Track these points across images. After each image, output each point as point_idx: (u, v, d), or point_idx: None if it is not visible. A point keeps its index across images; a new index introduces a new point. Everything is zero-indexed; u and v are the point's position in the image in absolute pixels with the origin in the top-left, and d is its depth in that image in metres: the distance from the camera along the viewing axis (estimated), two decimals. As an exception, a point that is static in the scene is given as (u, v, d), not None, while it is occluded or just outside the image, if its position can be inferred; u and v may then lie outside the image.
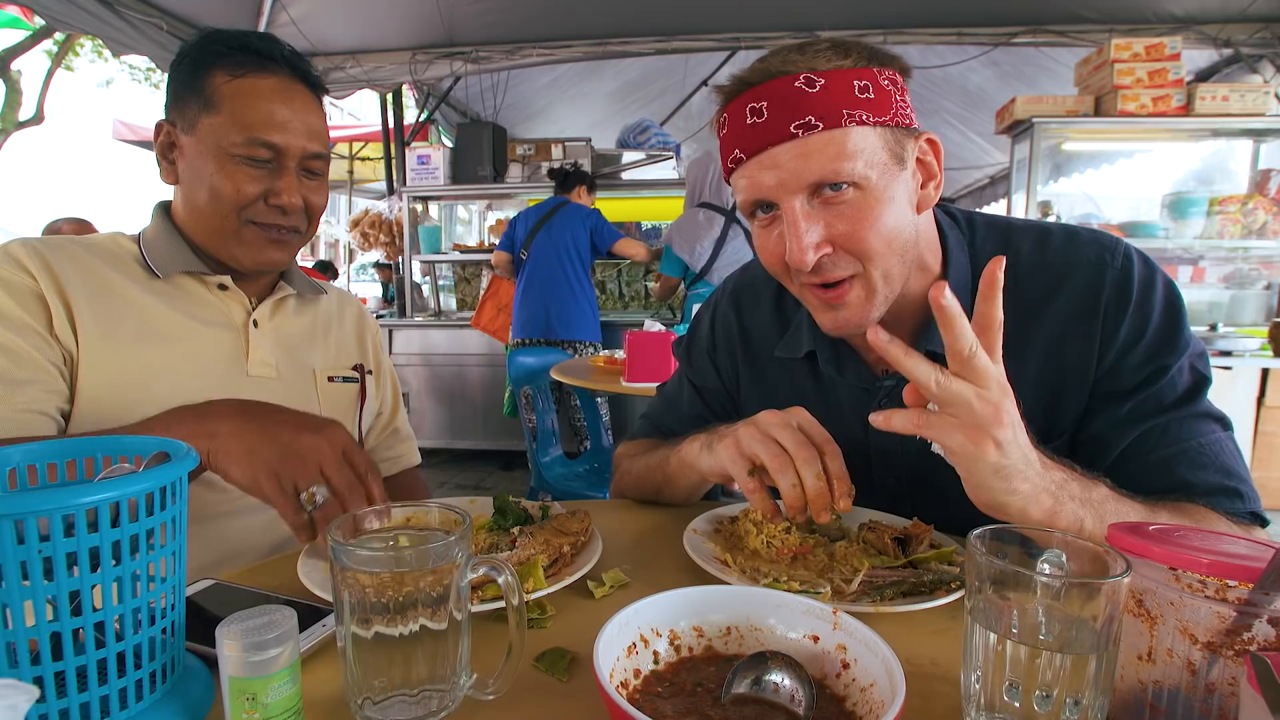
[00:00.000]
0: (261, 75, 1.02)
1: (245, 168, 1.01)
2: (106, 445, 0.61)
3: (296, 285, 1.19)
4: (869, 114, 0.79)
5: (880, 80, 0.80)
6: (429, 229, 5.38)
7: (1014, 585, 0.53)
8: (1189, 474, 0.84)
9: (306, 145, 1.04)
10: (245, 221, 1.03)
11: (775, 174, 0.81)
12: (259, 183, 1.02)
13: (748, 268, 1.18)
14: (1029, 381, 0.90)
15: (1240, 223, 4.00)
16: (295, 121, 1.03)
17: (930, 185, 0.87)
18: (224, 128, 1.00)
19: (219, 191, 1.01)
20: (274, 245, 1.07)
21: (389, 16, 4.49)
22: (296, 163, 1.04)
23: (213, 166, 1.00)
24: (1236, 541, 0.56)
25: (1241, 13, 4.13)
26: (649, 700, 0.55)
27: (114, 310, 0.99)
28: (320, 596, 0.72)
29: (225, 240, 1.05)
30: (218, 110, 1.00)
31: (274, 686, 0.51)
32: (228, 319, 1.09)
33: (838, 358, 1.01)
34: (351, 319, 1.30)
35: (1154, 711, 0.53)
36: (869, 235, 0.81)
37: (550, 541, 0.81)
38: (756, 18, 4.54)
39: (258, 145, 1.00)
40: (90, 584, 0.49)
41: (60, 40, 4.97)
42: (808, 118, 0.78)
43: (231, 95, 1.00)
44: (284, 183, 1.03)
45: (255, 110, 1.00)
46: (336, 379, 1.19)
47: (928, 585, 0.77)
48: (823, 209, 0.81)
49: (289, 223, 1.06)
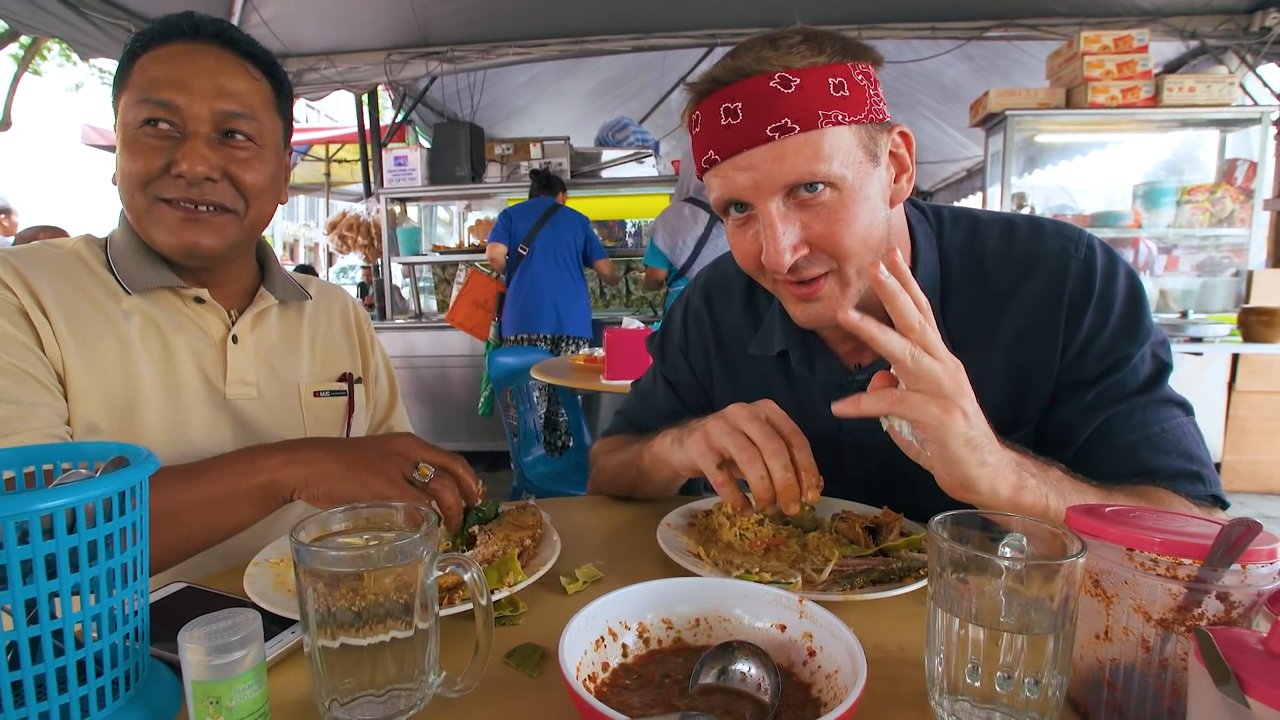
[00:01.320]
0: (167, 43, 0.94)
1: (147, 139, 0.92)
2: (64, 452, 0.61)
3: (279, 291, 1.11)
4: (844, 113, 0.78)
5: (854, 75, 0.80)
6: (408, 230, 5.35)
7: (973, 569, 0.53)
8: (1152, 458, 0.86)
9: (214, 104, 0.93)
10: (153, 199, 0.93)
11: (750, 175, 0.80)
12: (161, 154, 0.92)
13: (718, 263, 1.18)
14: (997, 372, 0.91)
15: (1209, 211, 4.09)
16: (200, 80, 0.92)
17: (903, 178, 0.87)
18: (129, 101, 0.92)
19: (125, 170, 0.93)
20: (190, 225, 0.94)
21: (363, 16, 4.45)
22: (209, 127, 0.93)
23: (122, 146, 0.94)
24: (1189, 520, 0.57)
25: (1207, 5, 4.20)
26: (616, 693, 0.56)
27: (93, 332, 0.94)
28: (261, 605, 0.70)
29: (142, 224, 0.95)
30: (127, 86, 0.94)
31: (238, 689, 0.50)
32: (205, 335, 1.03)
33: (810, 355, 1.01)
34: (339, 316, 1.23)
35: (1111, 689, 0.54)
36: (845, 235, 0.81)
37: (510, 536, 0.81)
38: (733, 14, 4.56)
39: (153, 105, 0.91)
40: (48, 591, 0.49)
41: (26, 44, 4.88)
42: (784, 120, 0.77)
43: (139, 69, 0.93)
44: (184, 148, 0.91)
45: (153, 75, 0.92)
46: (323, 394, 1.14)
47: (897, 573, 0.78)
48: (798, 210, 0.81)
49: (203, 196, 0.94)
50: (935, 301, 0.91)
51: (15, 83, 4.45)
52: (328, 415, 1.15)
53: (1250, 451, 4.09)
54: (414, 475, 0.83)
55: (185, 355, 1.01)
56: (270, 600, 0.70)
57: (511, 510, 0.91)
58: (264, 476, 0.82)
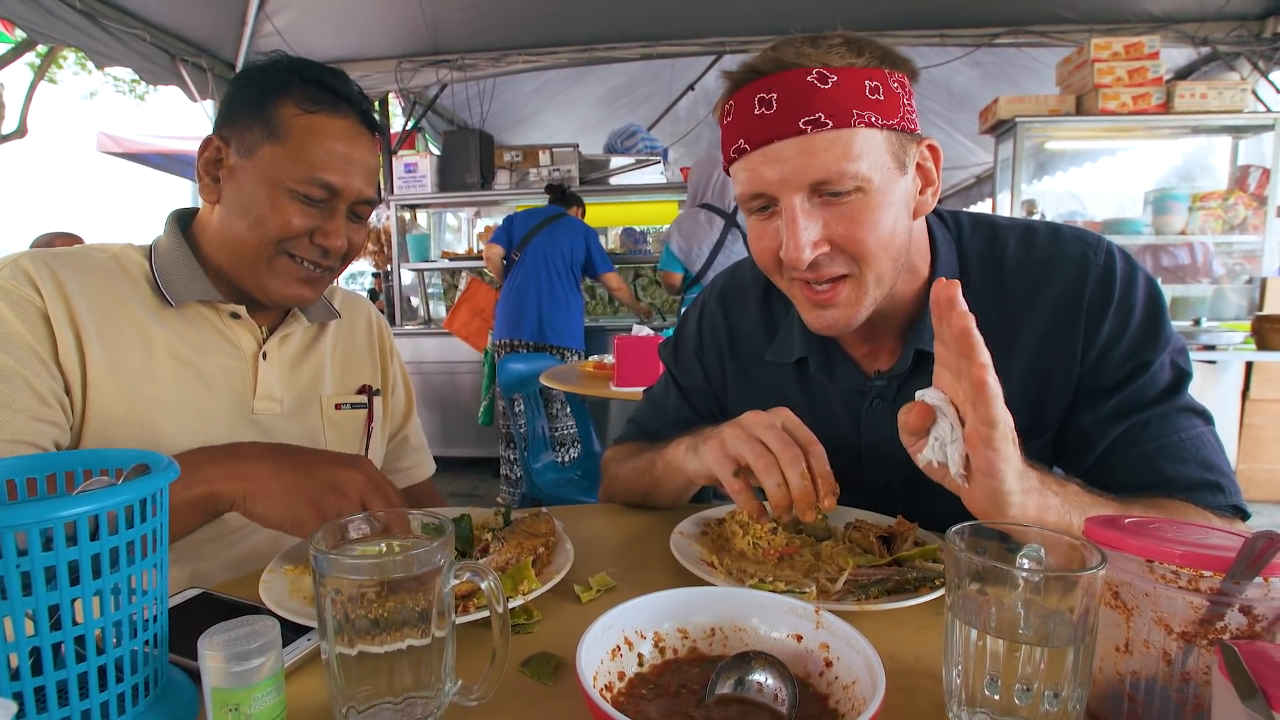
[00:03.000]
0: (334, 115, 0.99)
1: (298, 203, 0.98)
2: (86, 459, 0.61)
3: (310, 314, 1.14)
4: (877, 116, 0.78)
5: (890, 83, 0.80)
6: (417, 237, 5.37)
7: (992, 580, 0.53)
8: (1171, 468, 0.85)
9: (363, 190, 1.02)
10: (281, 252, 1.00)
11: (779, 169, 0.80)
12: (308, 219, 0.99)
13: (735, 268, 1.19)
14: (1016, 378, 0.90)
15: (1221, 218, 4.05)
16: (357, 166, 1.00)
17: (928, 191, 0.88)
18: (287, 161, 0.97)
19: (265, 221, 0.97)
20: (304, 282, 1.03)
21: (374, 25, 4.49)
22: (348, 206, 1.02)
23: (264, 195, 0.97)
24: (1210, 532, 0.57)
25: (1218, 11, 4.19)
26: (633, 703, 0.55)
27: (123, 340, 0.95)
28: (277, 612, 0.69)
29: (256, 269, 1.00)
30: (283, 142, 0.97)
31: (257, 697, 0.51)
32: (237, 350, 1.05)
33: (829, 362, 1.01)
34: (362, 328, 1.26)
35: (1132, 702, 0.54)
36: (867, 238, 0.81)
37: (523, 544, 0.81)
38: (742, 21, 4.57)
39: (318, 185, 0.97)
40: (70, 598, 0.49)
41: (43, 52, 4.95)
42: (818, 114, 0.77)
43: (301, 130, 0.97)
44: (334, 225, 1.01)
45: (323, 150, 0.97)
46: (345, 405, 1.17)
47: (912, 583, 0.78)
48: (823, 208, 0.81)
49: (326, 262, 1.03)
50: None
51: (31, 91, 4.50)
52: (348, 428, 1.17)
53: (1265, 460, 4.05)
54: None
55: (216, 370, 1.02)
56: (286, 607, 0.70)
57: (524, 518, 0.91)
58: (203, 488, 0.82)
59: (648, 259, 5.45)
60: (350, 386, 1.19)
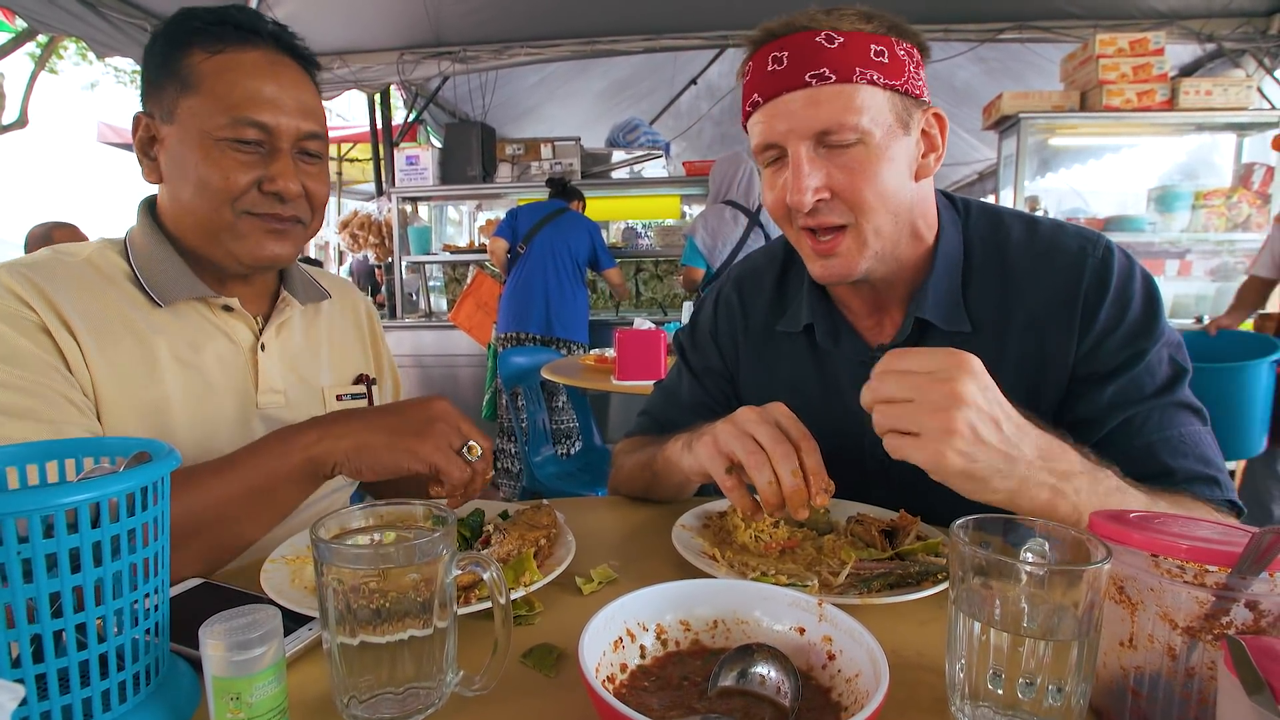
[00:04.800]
0: (243, 49, 0.92)
1: (233, 153, 0.91)
2: (87, 446, 0.61)
3: (300, 294, 1.10)
4: (881, 76, 0.85)
5: (896, 50, 0.87)
6: (419, 230, 5.36)
7: (996, 574, 0.53)
8: (1170, 460, 0.87)
9: (301, 125, 0.94)
10: (240, 213, 0.93)
11: (787, 120, 0.87)
12: (251, 169, 0.92)
13: (750, 256, 1.23)
14: (1012, 356, 0.94)
15: (1225, 216, 4.04)
16: (286, 98, 0.93)
17: (931, 156, 0.93)
18: (206, 109, 0.90)
19: (207, 182, 0.91)
20: (274, 237, 0.96)
21: (376, 16, 4.47)
22: (291, 145, 0.94)
23: (197, 155, 0.91)
24: (1214, 527, 0.57)
25: (1224, 7, 4.16)
26: (635, 694, 0.55)
27: (120, 348, 0.91)
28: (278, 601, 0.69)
29: (219, 237, 0.94)
30: (197, 91, 0.90)
31: (258, 686, 0.50)
32: (234, 344, 1.02)
33: (835, 329, 1.05)
34: (350, 312, 1.23)
35: (1136, 697, 0.54)
36: (865, 188, 0.87)
37: (525, 536, 0.81)
38: (745, 15, 4.54)
39: (245, 125, 0.90)
40: (71, 585, 0.49)
41: (43, 43, 4.92)
42: (822, 69, 0.84)
43: (211, 73, 0.90)
44: (279, 166, 0.93)
45: (240, 87, 0.90)
46: (345, 396, 1.14)
47: (914, 577, 0.78)
48: (826, 157, 0.87)
49: (288, 212, 0.96)
50: (956, 283, 0.97)
51: (32, 81, 4.49)
52: None
53: (1266, 459, 4.03)
54: (464, 451, 0.84)
55: (215, 366, 0.99)
56: (287, 596, 0.70)
57: (526, 510, 0.91)
58: (300, 455, 0.82)
59: (648, 254, 5.45)
60: (347, 375, 1.17)
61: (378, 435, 0.83)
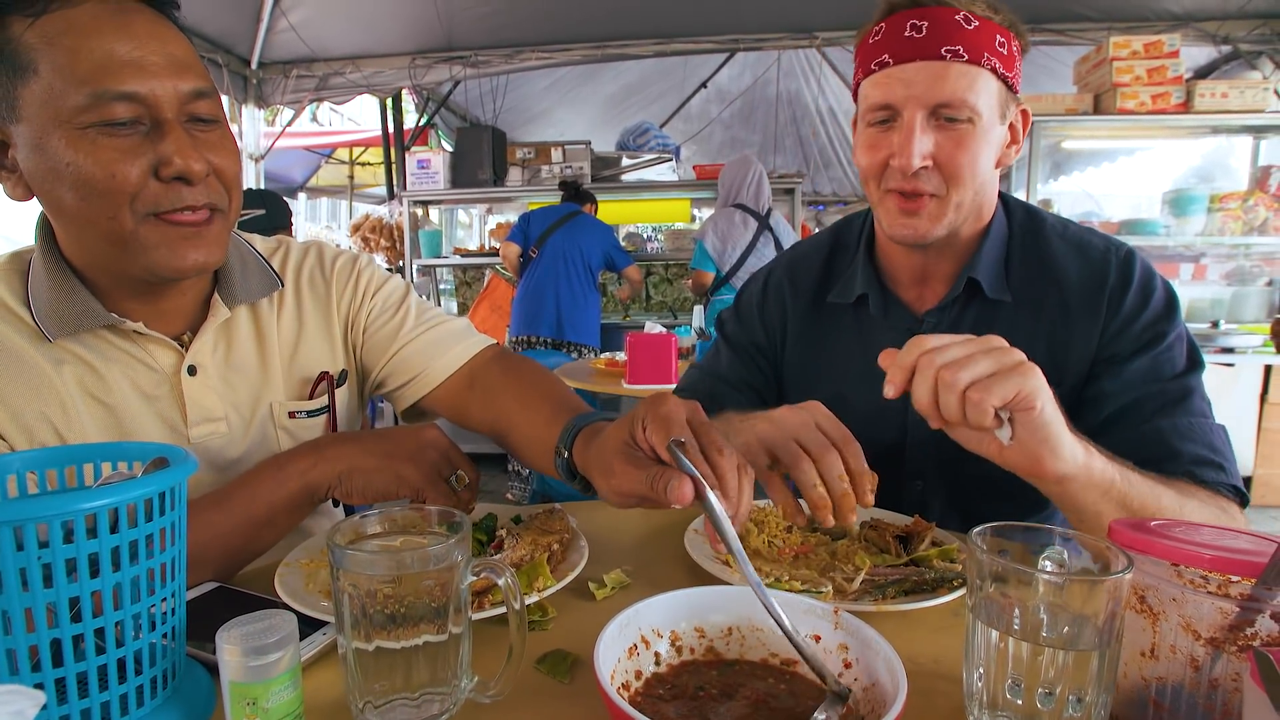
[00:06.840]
0: (72, 4, 0.71)
1: (106, 140, 0.72)
2: (106, 452, 0.61)
3: (239, 292, 0.91)
4: (1000, 65, 0.92)
5: (1013, 44, 0.94)
6: (430, 233, 5.38)
7: (1015, 582, 0.52)
8: (1178, 443, 0.89)
9: (179, 84, 0.74)
10: (143, 217, 0.75)
11: (912, 87, 0.91)
12: (136, 155, 0.73)
13: (797, 246, 1.27)
14: (1043, 333, 1.00)
15: (1241, 219, 3.99)
16: (150, 55, 0.73)
17: (1011, 149, 1.00)
18: (53, 92, 0.70)
19: (88, 182, 0.72)
20: (195, 240, 0.78)
21: (388, 21, 4.50)
22: (176, 112, 0.75)
23: (64, 152, 0.71)
24: (1238, 536, 0.56)
25: (1240, 9, 4.13)
26: (650, 702, 0.55)
27: (17, 390, 0.78)
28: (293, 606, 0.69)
29: (128, 250, 0.76)
30: (34, 71, 0.71)
31: (275, 691, 0.50)
32: (154, 372, 0.87)
33: (885, 300, 1.10)
34: (308, 285, 1.01)
35: (1158, 708, 0.53)
36: (965, 164, 0.93)
37: (537, 541, 0.81)
38: (755, 19, 4.55)
39: (110, 101, 0.71)
40: (90, 590, 0.49)
41: None
42: (958, 47, 0.90)
43: (41, 43, 0.70)
44: (171, 143, 0.74)
45: (83, 54, 0.70)
46: (299, 414, 0.98)
47: (930, 583, 0.77)
48: (936, 129, 0.92)
49: (200, 200, 0.77)
50: (1002, 255, 1.04)
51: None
52: (308, 436, 0.98)
53: (1284, 465, 3.99)
54: (452, 480, 0.84)
55: (134, 400, 0.85)
56: (302, 601, 0.70)
57: (539, 515, 0.91)
58: (296, 482, 0.83)
59: (658, 257, 5.45)
60: (304, 378, 0.99)
61: (370, 459, 0.83)
